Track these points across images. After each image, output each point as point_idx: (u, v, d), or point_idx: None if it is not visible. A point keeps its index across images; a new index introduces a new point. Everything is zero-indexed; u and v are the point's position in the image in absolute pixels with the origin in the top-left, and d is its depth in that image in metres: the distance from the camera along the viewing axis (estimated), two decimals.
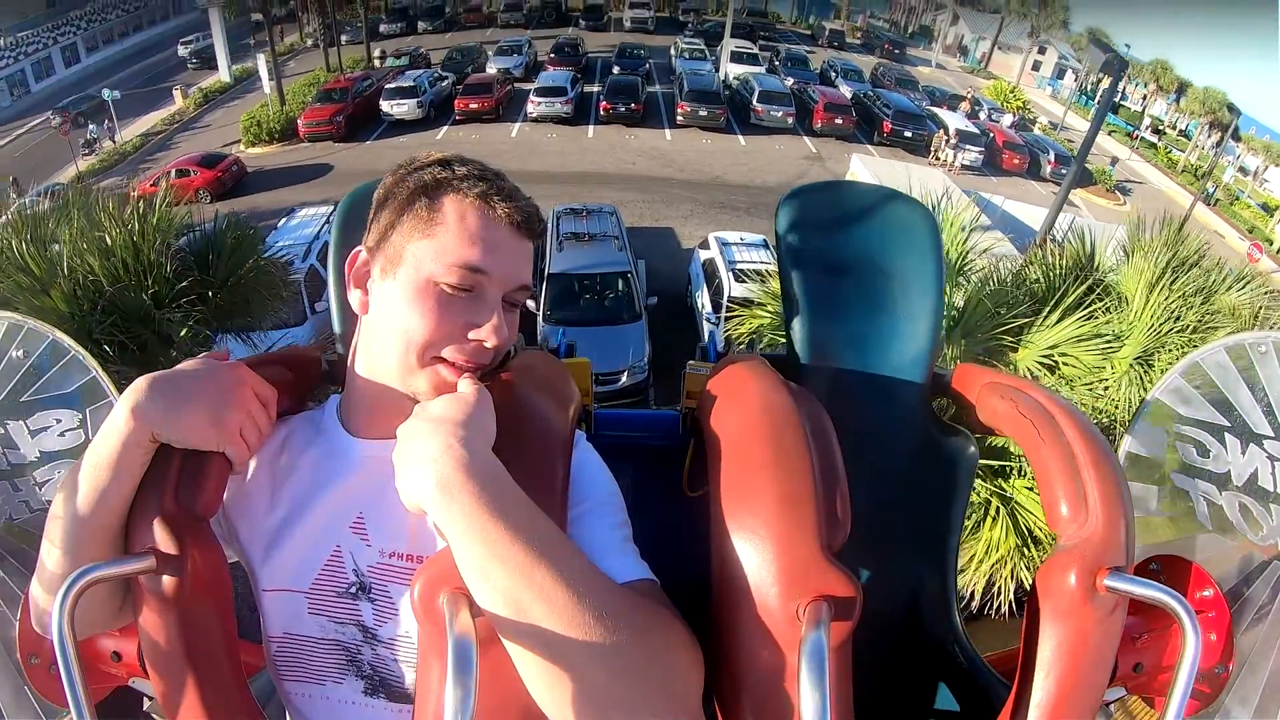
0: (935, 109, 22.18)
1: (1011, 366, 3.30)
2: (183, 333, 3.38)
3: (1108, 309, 3.35)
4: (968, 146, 19.09)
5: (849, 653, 0.65)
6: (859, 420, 0.95)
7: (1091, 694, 0.70)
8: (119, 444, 0.63)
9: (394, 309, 0.70)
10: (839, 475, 0.71)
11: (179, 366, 0.69)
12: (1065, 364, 3.30)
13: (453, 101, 18.92)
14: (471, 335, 0.69)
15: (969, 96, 25.21)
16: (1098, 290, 3.43)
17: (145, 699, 1.01)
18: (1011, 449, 3.23)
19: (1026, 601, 0.74)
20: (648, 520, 0.81)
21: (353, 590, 0.71)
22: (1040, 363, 3.31)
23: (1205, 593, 1.00)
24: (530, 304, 8.06)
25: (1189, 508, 1.14)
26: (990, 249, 3.77)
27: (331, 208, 9.87)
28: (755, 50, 25.94)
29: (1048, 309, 3.34)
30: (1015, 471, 3.30)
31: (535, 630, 0.54)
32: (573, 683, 0.55)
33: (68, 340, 1.13)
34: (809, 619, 0.59)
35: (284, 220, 9.57)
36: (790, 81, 22.26)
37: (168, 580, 0.63)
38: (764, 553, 0.64)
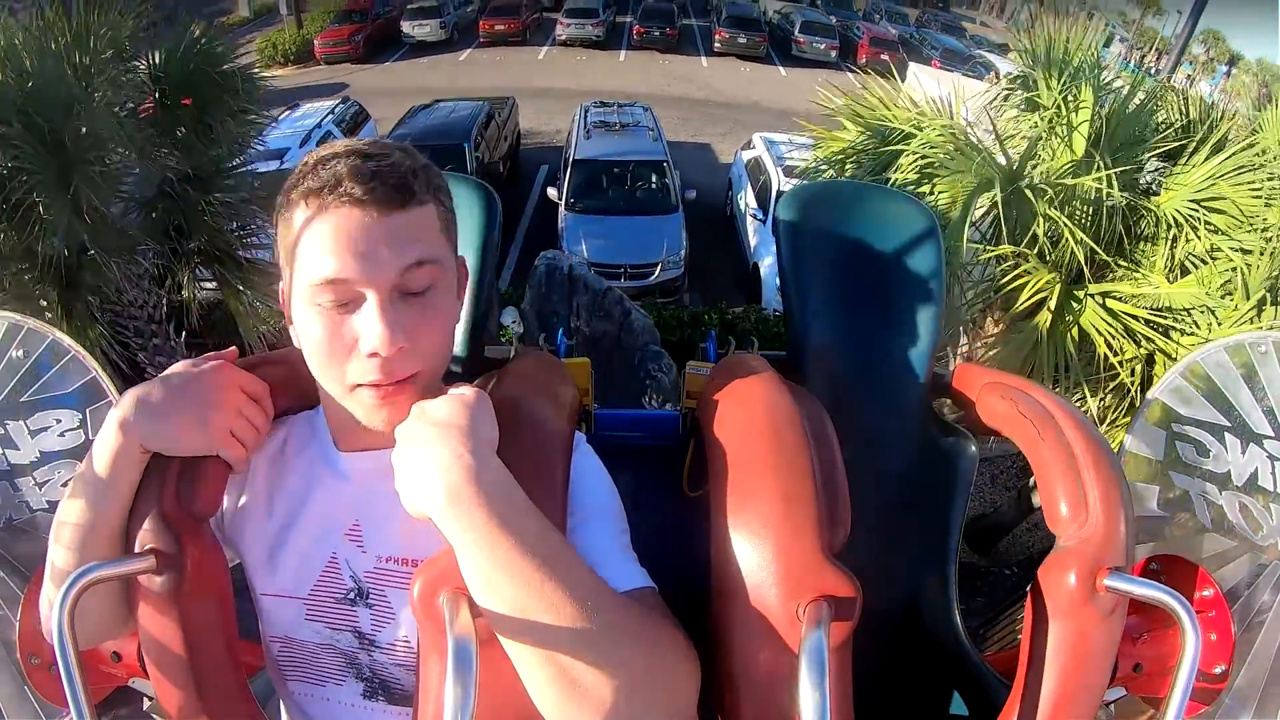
0: (984, 53, 20.91)
1: (1159, 208, 2.93)
2: (98, 96, 2.79)
3: (1249, 147, 2.91)
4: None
5: (849, 653, 0.65)
6: (859, 420, 0.95)
7: (1092, 694, 0.70)
8: (110, 458, 0.64)
9: (299, 340, 0.66)
10: (839, 475, 0.71)
11: (166, 373, 0.69)
12: (1217, 207, 2.87)
13: (478, 24, 17.80)
14: (362, 350, 0.62)
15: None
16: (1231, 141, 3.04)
17: (145, 699, 1.01)
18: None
19: (1027, 601, 0.74)
20: (647, 520, 0.81)
21: (350, 596, 0.71)
22: (1192, 203, 2.86)
23: (1205, 593, 1.00)
24: (551, 191, 7.65)
25: (1189, 508, 1.14)
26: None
27: (338, 100, 9.56)
28: None
29: (1193, 146, 2.95)
30: (1180, 332, 2.85)
31: (542, 644, 0.54)
32: (579, 696, 0.54)
33: (68, 340, 1.13)
34: (809, 619, 0.59)
35: (285, 113, 9.07)
36: (833, 19, 20.94)
37: (168, 580, 0.63)
38: (764, 553, 0.64)
